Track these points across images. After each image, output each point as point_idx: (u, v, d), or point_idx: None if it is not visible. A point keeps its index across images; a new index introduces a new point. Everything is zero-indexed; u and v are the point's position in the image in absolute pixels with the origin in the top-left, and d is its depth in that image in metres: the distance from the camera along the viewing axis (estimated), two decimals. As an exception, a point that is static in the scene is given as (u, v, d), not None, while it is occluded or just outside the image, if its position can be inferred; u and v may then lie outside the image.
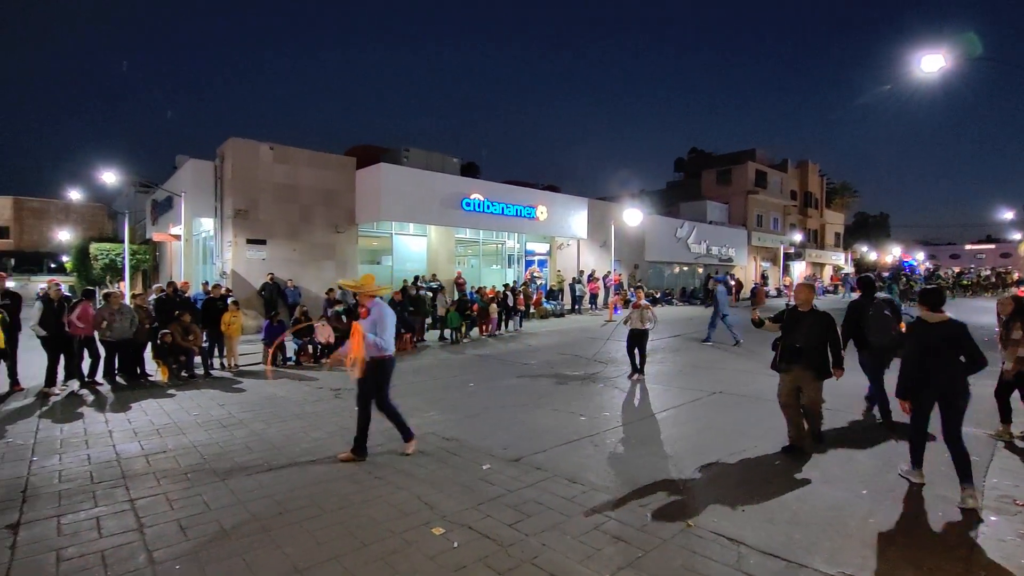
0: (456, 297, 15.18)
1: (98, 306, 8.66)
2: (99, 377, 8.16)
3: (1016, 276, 39.74)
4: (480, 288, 16.03)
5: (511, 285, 16.29)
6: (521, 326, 15.28)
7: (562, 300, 19.91)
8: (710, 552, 3.10)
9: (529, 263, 21.07)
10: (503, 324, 14.57)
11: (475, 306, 13.60)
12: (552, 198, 20.45)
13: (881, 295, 5.86)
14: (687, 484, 4.13)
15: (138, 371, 8.57)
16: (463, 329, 13.10)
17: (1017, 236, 51.39)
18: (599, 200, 24.09)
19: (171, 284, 10.80)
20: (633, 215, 21.61)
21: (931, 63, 7.74)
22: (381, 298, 4.84)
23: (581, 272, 21.20)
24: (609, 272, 21.42)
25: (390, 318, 4.76)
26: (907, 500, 3.81)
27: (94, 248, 21.69)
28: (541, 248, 21.72)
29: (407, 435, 4.91)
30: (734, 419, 5.94)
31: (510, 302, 14.81)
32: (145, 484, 4.20)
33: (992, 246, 64.93)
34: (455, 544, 3.20)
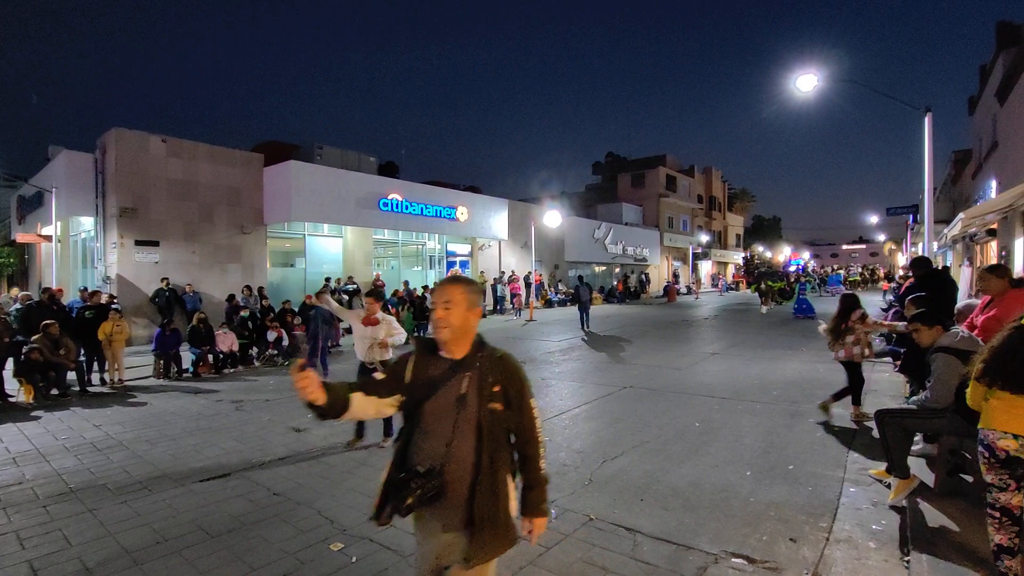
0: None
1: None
2: (-58, 401, 7.03)
3: (882, 272, 45.33)
4: (397, 290, 15.69)
5: (430, 287, 16.05)
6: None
7: (484, 301, 19.96)
8: (608, 543, 3.22)
9: (451, 264, 20.93)
10: (417, 329, 14.31)
11: (394, 310, 13.26)
12: (473, 199, 20.47)
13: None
14: (593, 478, 4.26)
15: (-6, 392, 7.47)
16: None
17: (882, 237, 58.66)
18: (520, 202, 24.43)
19: (46, 290, 9.59)
20: (553, 217, 22.14)
21: (805, 82, 8.63)
22: None
23: (503, 273, 21.38)
24: (530, 272, 21.79)
25: None
26: (783, 478, 4.18)
27: (-57, 251, 18.68)
28: (463, 249, 21.66)
29: None
30: (640, 411, 6.24)
31: (429, 304, 14.59)
32: (-8, 522, 3.65)
33: (864, 246, 73.76)
34: (353, 559, 3.07)
